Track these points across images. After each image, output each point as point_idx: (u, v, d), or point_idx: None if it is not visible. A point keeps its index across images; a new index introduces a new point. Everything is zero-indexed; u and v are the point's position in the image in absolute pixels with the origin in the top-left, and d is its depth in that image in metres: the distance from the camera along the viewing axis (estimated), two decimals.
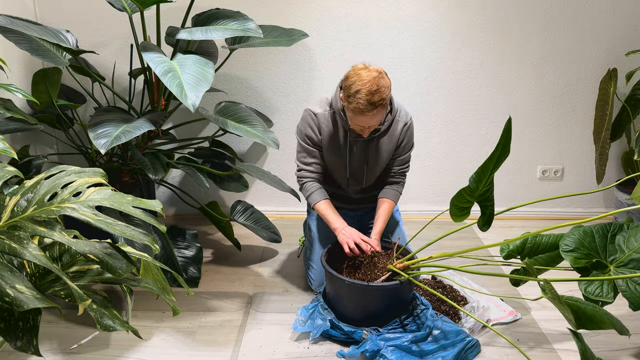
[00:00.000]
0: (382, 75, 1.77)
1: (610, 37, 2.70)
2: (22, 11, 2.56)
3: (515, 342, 1.87)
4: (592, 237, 1.68)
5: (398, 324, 1.86)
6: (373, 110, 1.76)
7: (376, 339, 1.76)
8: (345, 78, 1.82)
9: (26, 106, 2.52)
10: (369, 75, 1.75)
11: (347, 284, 1.83)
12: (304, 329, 1.89)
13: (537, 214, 3.02)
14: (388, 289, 1.82)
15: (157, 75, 1.81)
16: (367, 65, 1.81)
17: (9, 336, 1.19)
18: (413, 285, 1.91)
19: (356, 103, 1.75)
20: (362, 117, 1.79)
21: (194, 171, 2.33)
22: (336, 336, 1.87)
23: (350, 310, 1.89)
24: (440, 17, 2.67)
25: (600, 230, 1.69)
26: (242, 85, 2.82)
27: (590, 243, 1.66)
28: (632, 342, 1.87)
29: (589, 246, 1.65)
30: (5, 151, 1.37)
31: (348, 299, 1.89)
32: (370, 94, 1.73)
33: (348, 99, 1.79)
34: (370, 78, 1.74)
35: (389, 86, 1.78)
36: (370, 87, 1.73)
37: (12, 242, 1.21)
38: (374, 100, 1.74)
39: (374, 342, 1.75)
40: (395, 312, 1.89)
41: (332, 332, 1.87)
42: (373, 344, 1.75)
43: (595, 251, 1.65)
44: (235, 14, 2.20)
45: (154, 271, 1.78)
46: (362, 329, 1.83)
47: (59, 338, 1.89)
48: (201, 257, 2.33)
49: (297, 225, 2.82)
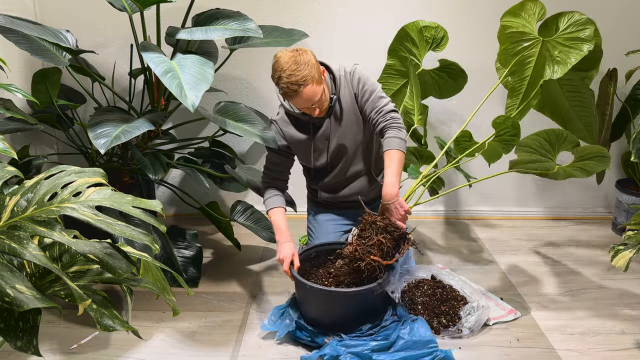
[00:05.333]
0: (300, 53, 1.76)
1: (610, 37, 2.69)
2: (22, 11, 2.56)
3: (515, 342, 1.87)
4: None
5: (363, 332, 1.80)
6: (300, 88, 1.75)
7: (337, 345, 1.73)
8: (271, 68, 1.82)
9: (26, 106, 2.52)
10: (285, 57, 1.75)
11: (307, 288, 1.80)
12: (272, 328, 1.88)
13: (537, 213, 3.02)
14: (350, 295, 1.79)
15: (157, 75, 1.81)
16: (286, 49, 1.80)
17: (9, 336, 1.19)
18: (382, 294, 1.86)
19: (282, 87, 1.77)
20: (296, 99, 1.79)
21: (193, 171, 2.33)
22: (301, 338, 1.84)
23: (314, 315, 1.87)
24: (440, 13, 2.67)
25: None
26: (242, 85, 2.82)
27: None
28: (632, 342, 1.87)
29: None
30: (5, 151, 1.37)
31: (311, 303, 1.88)
32: (289, 75, 1.73)
33: (277, 86, 1.80)
34: (287, 59, 1.74)
35: (308, 61, 1.75)
36: (288, 68, 1.73)
37: (12, 242, 1.21)
38: (296, 80, 1.73)
39: (334, 347, 1.72)
40: (361, 320, 1.82)
41: (298, 334, 1.85)
42: (333, 349, 1.72)
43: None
44: (235, 14, 2.20)
45: (154, 271, 1.78)
46: (328, 334, 1.80)
47: (59, 338, 1.89)
48: (201, 257, 2.33)
49: (297, 225, 2.82)
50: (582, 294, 2.20)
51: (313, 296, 1.84)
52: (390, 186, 1.79)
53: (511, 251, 2.60)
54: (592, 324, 1.98)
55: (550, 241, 2.72)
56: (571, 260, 2.50)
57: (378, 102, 1.90)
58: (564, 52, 2.03)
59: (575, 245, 2.66)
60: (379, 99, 1.91)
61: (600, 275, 2.35)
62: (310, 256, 2.06)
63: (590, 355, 1.80)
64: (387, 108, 1.90)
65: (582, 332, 1.94)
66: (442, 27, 2.35)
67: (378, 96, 1.91)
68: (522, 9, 2.10)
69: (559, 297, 2.18)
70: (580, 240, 2.72)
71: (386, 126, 1.87)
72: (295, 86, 1.74)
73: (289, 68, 1.73)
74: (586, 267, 2.43)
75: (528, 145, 2.10)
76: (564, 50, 2.03)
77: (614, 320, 2.01)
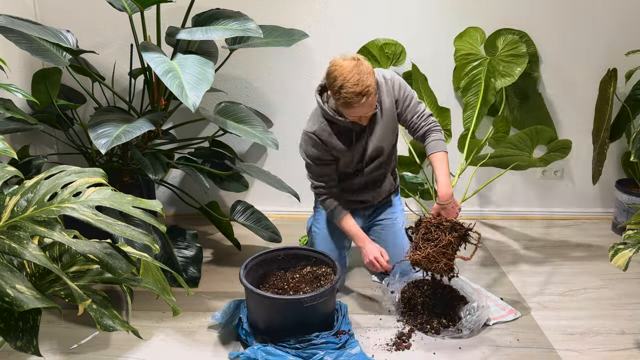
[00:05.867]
0: (361, 62, 1.76)
1: (610, 37, 2.70)
2: (22, 11, 2.56)
3: (515, 342, 1.87)
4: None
5: (291, 344, 1.76)
6: (362, 99, 1.75)
7: (258, 348, 1.73)
8: (327, 75, 1.81)
9: (26, 106, 2.52)
10: (348, 66, 1.74)
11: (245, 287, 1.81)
12: (220, 320, 1.92)
13: (537, 214, 3.02)
14: (275, 301, 1.79)
15: (158, 75, 1.81)
16: (344, 55, 1.80)
17: (9, 336, 1.19)
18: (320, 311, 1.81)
19: (344, 97, 1.75)
20: (354, 108, 1.79)
21: (194, 171, 2.33)
22: (240, 336, 1.86)
23: (251, 315, 1.88)
24: (441, 15, 2.67)
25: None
26: (242, 85, 2.82)
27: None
28: (632, 342, 1.87)
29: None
30: (5, 151, 1.37)
31: (248, 302, 1.89)
32: (354, 84, 1.72)
33: (335, 95, 1.79)
34: (350, 68, 1.73)
35: (370, 71, 1.77)
36: (352, 77, 1.72)
37: (12, 242, 1.21)
38: (360, 90, 1.73)
39: (254, 350, 1.72)
40: (291, 331, 1.79)
41: (239, 330, 1.88)
42: (252, 351, 1.72)
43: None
44: (235, 14, 2.20)
45: (154, 271, 1.78)
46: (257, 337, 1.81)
47: (59, 338, 1.89)
48: (201, 257, 2.33)
49: (297, 225, 2.82)
50: (582, 294, 2.20)
51: (248, 296, 1.86)
52: (446, 187, 1.90)
53: (511, 251, 2.60)
54: (592, 324, 1.98)
55: (550, 241, 2.72)
56: (571, 260, 2.50)
57: (418, 107, 2.01)
58: (507, 66, 2.46)
59: (575, 245, 2.66)
60: (418, 104, 2.02)
61: (600, 275, 2.35)
62: (278, 258, 2.09)
63: (590, 355, 1.80)
64: (426, 112, 2.02)
65: (582, 332, 1.94)
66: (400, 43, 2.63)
67: (417, 102, 2.02)
68: (466, 34, 2.56)
69: (559, 297, 2.18)
70: (580, 240, 2.72)
71: (429, 129, 1.99)
72: (360, 96, 1.74)
73: (352, 78, 1.72)
74: (586, 267, 2.43)
75: (512, 142, 2.36)
76: (506, 65, 2.46)
77: (614, 320, 2.01)
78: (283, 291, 1.94)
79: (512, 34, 2.54)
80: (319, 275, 2.00)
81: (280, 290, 1.95)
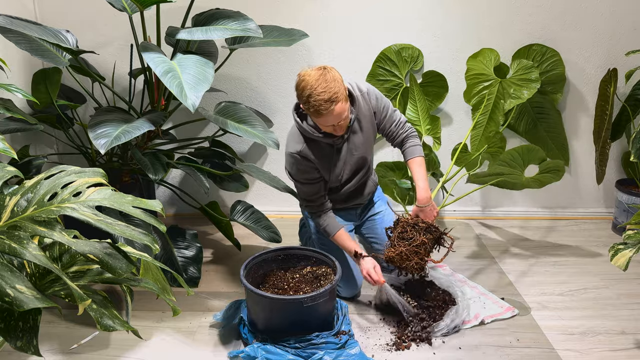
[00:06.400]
0: (328, 70, 1.77)
1: (610, 37, 2.70)
2: (22, 11, 2.56)
3: (515, 342, 1.87)
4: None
5: (290, 344, 1.76)
6: (331, 105, 1.75)
7: (258, 347, 1.73)
8: (296, 87, 1.81)
9: (26, 106, 2.52)
10: (315, 75, 1.75)
11: (245, 287, 1.80)
12: (220, 319, 1.94)
13: (536, 214, 3.02)
14: (274, 301, 1.79)
15: (157, 75, 1.81)
16: (309, 66, 1.81)
17: (9, 336, 1.19)
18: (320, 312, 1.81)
19: (313, 105, 1.75)
20: (325, 116, 1.79)
21: (194, 171, 2.33)
22: (242, 335, 1.87)
23: (251, 315, 1.88)
24: (443, 16, 2.67)
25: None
26: (242, 85, 2.82)
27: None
28: (632, 342, 1.88)
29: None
30: (5, 151, 1.37)
31: (248, 302, 1.89)
32: (322, 92, 1.73)
33: (305, 105, 1.79)
34: (317, 77, 1.74)
35: (337, 79, 1.77)
36: (319, 86, 1.73)
37: (12, 242, 1.21)
38: (328, 97, 1.73)
39: (254, 348, 1.73)
40: (291, 330, 1.79)
41: (241, 329, 1.88)
42: (252, 349, 1.72)
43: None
44: (235, 14, 2.20)
45: (154, 271, 1.78)
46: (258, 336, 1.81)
47: (59, 338, 1.89)
48: (201, 257, 2.33)
49: (297, 225, 2.82)
50: (582, 294, 2.20)
51: (248, 296, 1.86)
52: (424, 190, 1.97)
53: (511, 251, 2.60)
54: (592, 324, 1.98)
55: (550, 241, 2.72)
56: (571, 260, 2.50)
57: (394, 116, 2.06)
58: (517, 90, 2.48)
59: (576, 245, 2.66)
60: (394, 112, 2.07)
61: (600, 275, 2.35)
62: (278, 258, 2.10)
63: (590, 355, 1.80)
64: (402, 119, 2.08)
65: (582, 332, 1.94)
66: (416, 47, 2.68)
67: (393, 110, 2.07)
68: (480, 54, 2.56)
69: (559, 297, 2.18)
70: (580, 240, 2.72)
71: (407, 136, 2.06)
72: (328, 103, 1.74)
73: (319, 86, 1.73)
74: (586, 267, 2.43)
75: (504, 160, 2.39)
76: (517, 88, 2.48)
77: (614, 320, 2.01)
78: (283, 291, 1.94)
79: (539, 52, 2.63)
80: (319, 275, 2.00)
81: (280, 290, 1.94)
